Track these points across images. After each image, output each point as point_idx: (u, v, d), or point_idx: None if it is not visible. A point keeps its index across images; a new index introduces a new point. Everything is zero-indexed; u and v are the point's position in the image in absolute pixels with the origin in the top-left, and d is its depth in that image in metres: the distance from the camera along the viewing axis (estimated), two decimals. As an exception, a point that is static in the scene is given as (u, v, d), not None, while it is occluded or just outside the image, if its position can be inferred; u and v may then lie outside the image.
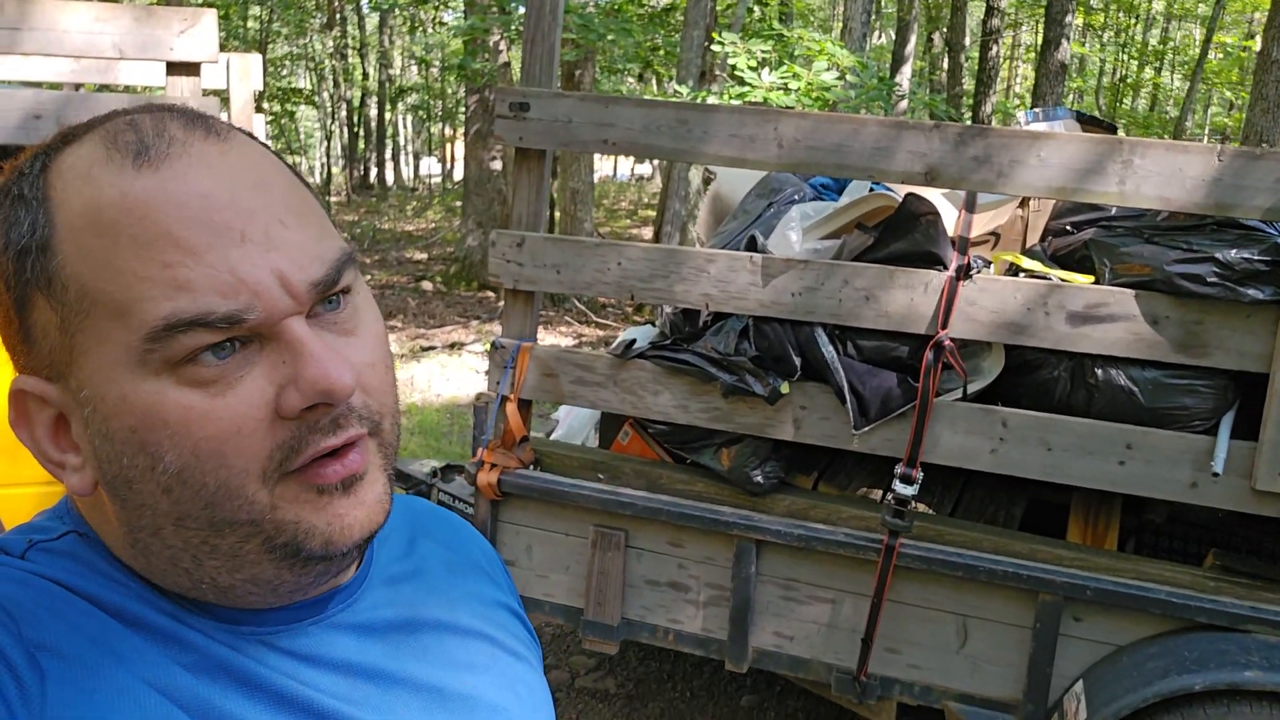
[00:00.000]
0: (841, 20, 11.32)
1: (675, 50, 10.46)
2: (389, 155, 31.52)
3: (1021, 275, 2.52)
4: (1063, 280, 2.44)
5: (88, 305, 0.58)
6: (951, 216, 2.69)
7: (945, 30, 18.65)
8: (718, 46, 7.97)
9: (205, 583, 0.63)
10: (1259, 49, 9.08)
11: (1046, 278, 2.47)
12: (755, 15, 11.82)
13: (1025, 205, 3.01)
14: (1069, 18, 12.22)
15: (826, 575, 2.61)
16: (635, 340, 2.83)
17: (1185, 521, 2.84)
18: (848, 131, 2.47)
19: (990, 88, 15.47)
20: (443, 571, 0.80)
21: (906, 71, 15.89)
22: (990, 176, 2.40)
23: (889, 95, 8.18)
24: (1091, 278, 2.47)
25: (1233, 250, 2.23)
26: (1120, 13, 22.75)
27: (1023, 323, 2.40)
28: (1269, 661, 2.19)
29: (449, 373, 8.52)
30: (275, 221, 0.60)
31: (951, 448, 2.48)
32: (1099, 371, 2.42)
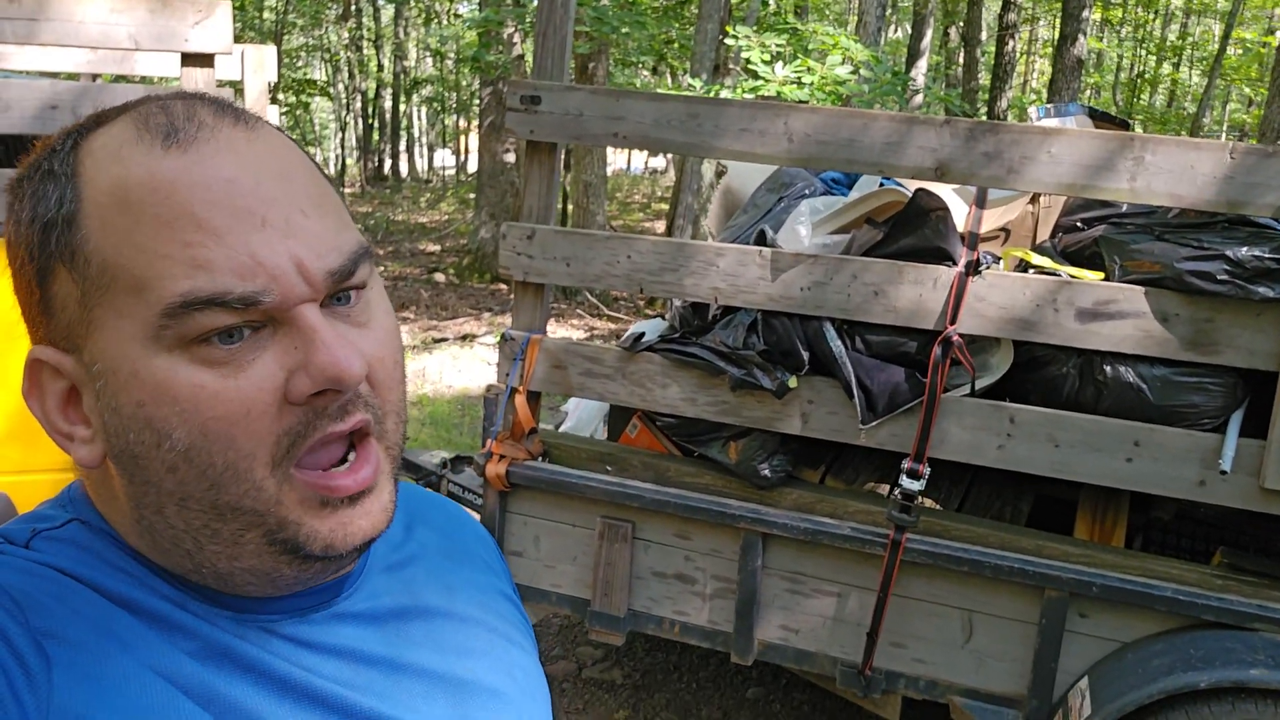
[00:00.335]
0: (857, 14, 11.28)
1: (689, 43, 10.45)
2: (403, 147, 31.59)
3: (1031, 271, 2.52)
4: (1072, 277, 2.43)
5: (108, 280, 0.59)
6: (961, 212, 2.69)
7: (961, 25, 18.56)
8: (732, 40, 7.95)
9: (206, 567, 0.64)
10: (1278, 44, 9.00)
11: (1056, 274, 2.47)
12: (770, 9, 11.79)
13: (1036, 201, 3.00)
14: (1086, 12, 12.15)
15: (833, 569, 2.62)
16: (644, 333, 2.84)
17: (1193, 519, 2.83)
18: (858, 126, 2.47)
19: (1006, 83, 15.39)
20: (440, 558, 0.81)
21: (922, 66, 15.84)
22: (1001, 172, 2.39)
23: (903, 90, 8.15)
24: (1101, 274, 2.47)
25: (1243, 248, 2.23)
26: (1139, 7, 22.59)
27: (1032, 319, 2.40)
28: (1275, 660, 2.18)
29: (460, 364, 8.55)
30: (296, 210, 0.62)
31: (959, 443, 2.48)
32: (1108, 368, 2.41)
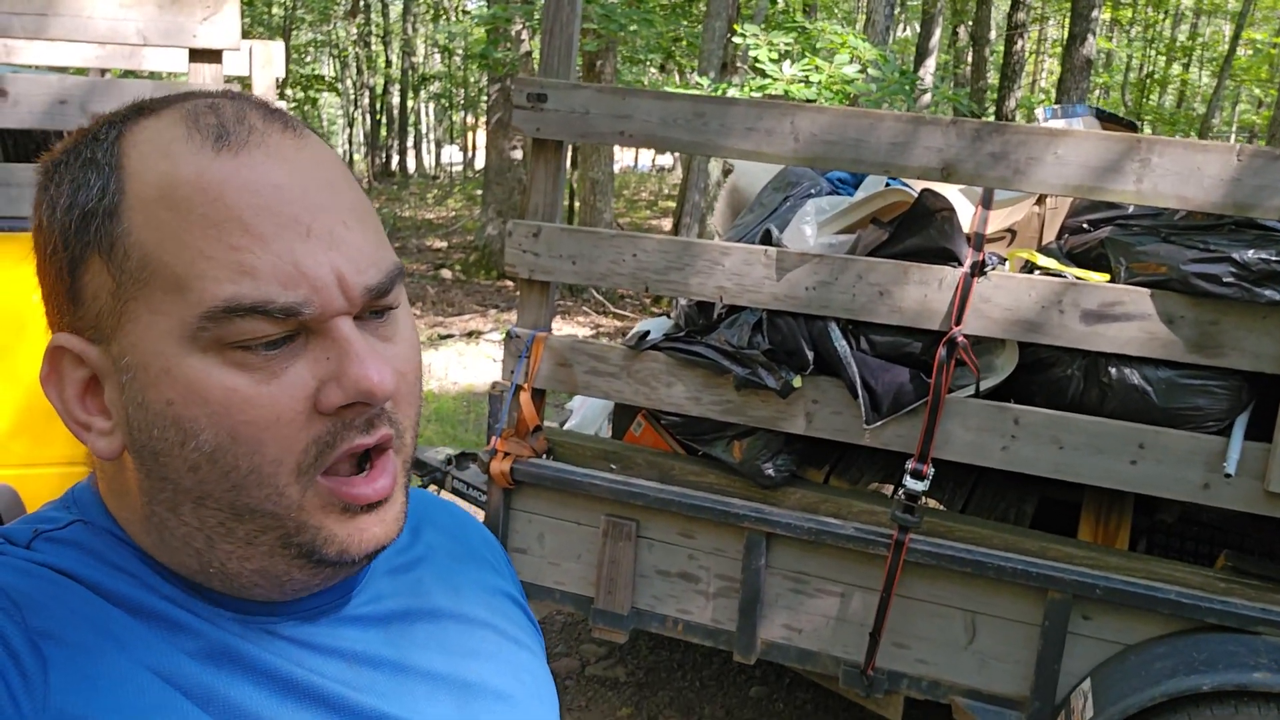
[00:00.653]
0: (865, 12, 11.27)
1: (697, 41, 10.45)
2: (411, 143, 31.62)
3: (1037, 273, 2.52)
4: (1078, 278, 2.43)
5: (147, 275, 0.59)
6: (968, 213, 2.69)
7: (970, 24, 18.51)
8: (739, 38, 7.95)
9: (214, 567, 0.64)
10: (1288, 46, 8.96)
11: (1062, 275, 2.46)
12: (778, 7, 11.78)
13: (1042, 202, 3.00)
14: (1096, 12, 12.11)
15: (836, 569, 2.62)
16: (649, 332, 2.84)
17: (1197, 522, 2.83)
18: (864, 126, 2.47)
19: (1015, 83, 15.35)
20: (446, 561, 0.81)
21: (930, 65, 15.79)
22: (1007, 173, 2.39)
23: (911, 89, 8.14)
24: (1107, 276, 2.46)
25: (1250, 251, 2.22)
26: (1148, 8, 22.52)
27: (1037, 320, 2.39)
28: (1278, 664, 2.18)
29: (466, 361, 8.56)
30: (339, 222, 0.62)
31: (963, 444, 2.48)
32: (1112, 370, 2.41)
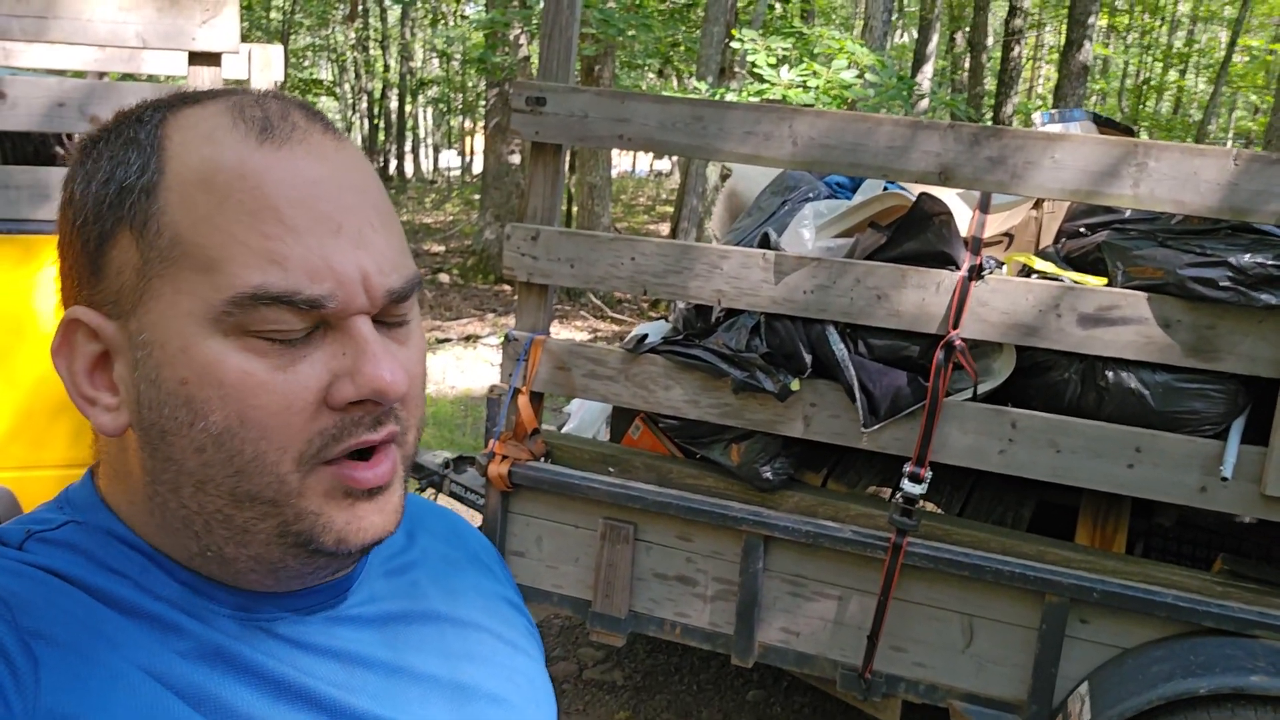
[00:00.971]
0: (863, 18, 11.29)
1: (695, 46, 10.47)
2: (409, 147, 31.63)
3: (1034, 276, 2.52)
4: (1075, 282, 2.44)
5: (177, 254, 0.60)
6: (965, 217, 2.69)
7: (967, 30, 18.55)
8: (737, 43, 7.96)
9: (211, 551, 0.64)
10: (1284, 53, 8.99)
11: (1059, 279, 2.47)
12: (776, 12, 11.80)
13: (1039, 207, 3.01)
14: (1092, 19, 12.14)
15: (834, 572, 2.62)
16: (648, 335, 2.84)
17: (1195, 526, 2.83)
18: (863, 130, 2.48)
19: (1012, 88, 15.39)
20: (441, 565, 0.81)
21: (928, 71, 15.83)
22: (1004, 177, 2.40)
23: (908, 94, 8.15)
24: (1104, 280, 2.47)
25: (1246, 255, 2.23)
26: (1145, 14, 22.58)
27: (1034, 324, 2.40)
28: (1275, 667, 2.18)
29: (464, 365, 8.56)
30: (368, 224, 0.63)
31: (961, 448, 2.48)
32: (1110, 374, 2.42)
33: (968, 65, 18.42)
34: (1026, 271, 2.61)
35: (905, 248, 2.53)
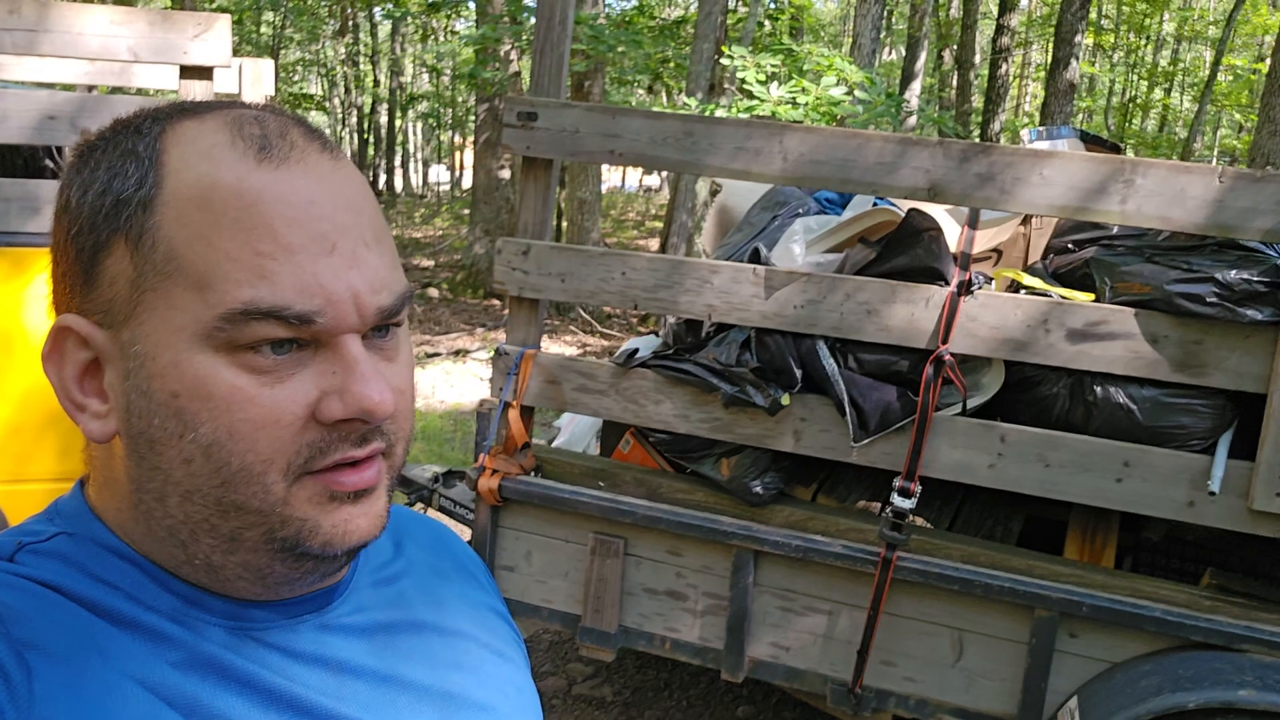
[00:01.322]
0: (851, 36, 11.36)
1: (685, 63, 10.51)
2: (398, 162, 31.65)
3: (1023, 292, 2.54)
4: (1063, 298, 2.45)
5: (171, 269, 0.60)
6: (954, 233, 2.71)
7: (955, 48, 18.69)
8: (727, 60, 8.00)
9: (199, 560, 0.64)
10: (1268, 71, 9.09)
11: (1047, 295, 2.48)
12: (765, 29, 11.87)
13: (1027, 223, 3.03)
14: (1079, 37, 12.25)
15: (824, 587, 2.62)
16: (638, 350, 2.85)
17: (1182, 540, 2.84)
18: (853, 146, 2.49)
19: (999, 106, 15.51)
20: (429, 575, 0.82)
21: (916, 88, 15.93)
22: (993, 194, 2.41)
23: (896, 111, 8.20)
24: (1092, 296, 2.48)
25: (1232, 271, 2.25)
26: (1130, 33, 22.79)
27: (1023, 339, 2.41)
28: (1263, 681, 2.19)
29: (453, 379, 8.54)
30: (362, 243, 0.64)
31: (950, 462, 2.49)
32: (1098, 389, 2.43)
33: (955, 83, 18.55)
34: (1015, 287, 2.63)
35: (895, 263, 2.54)
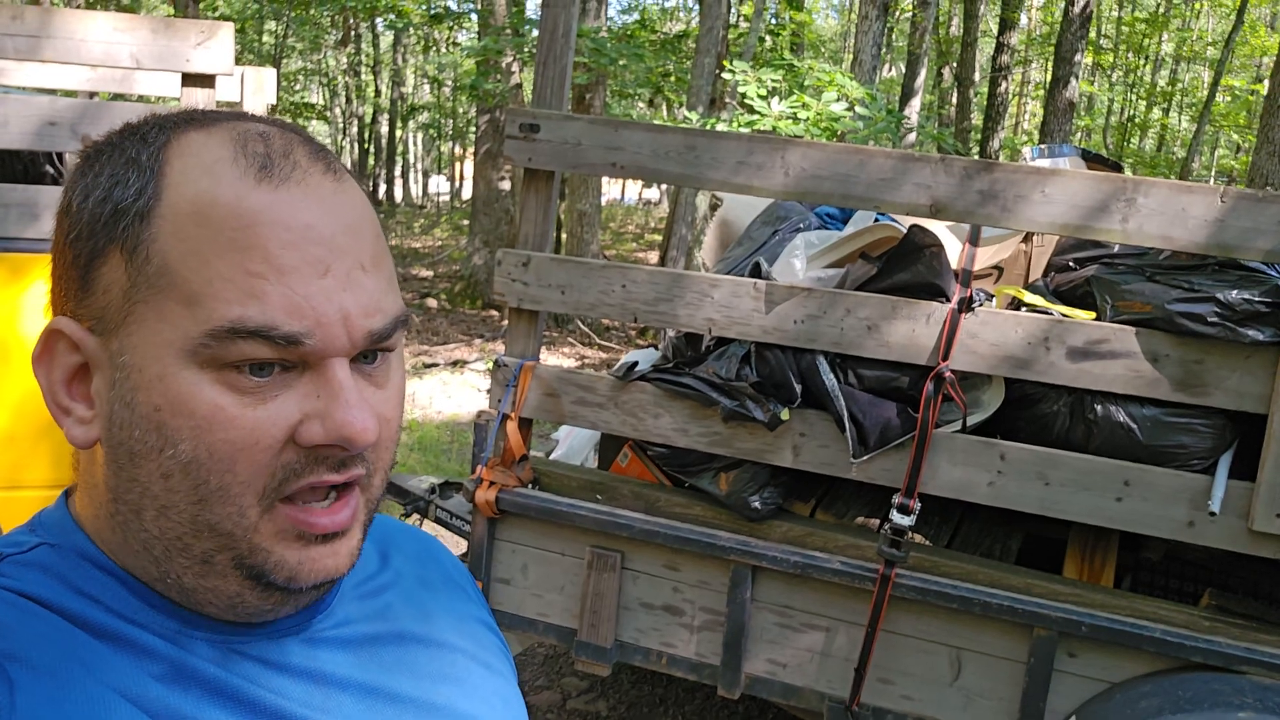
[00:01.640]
0: (852, 52, 11.40)
1: (686, 77, 10.54)
2: (399, 172, 31.72)
3: (1024, 310, 2.54)
4: (1064, 316, 2.45)
5: (164, 283, 0.60)
6: (955, 249, 2.71)
7: (955, 65, 18.76)
8: (728, 74, 8.03)
9: (171, 578, 0.64)
10: (1266, 92, 9.13)
11: (1048, 313, 2.48)
12: (766, 45, 11.91)
13: (1029, 240, 3.03)
14: (1078, 56, 12.31)
15: (821, 603, 2.61)
16: (637, 363, 2.84)
17: (1182, 560, 2.83)
18: (854, 162, 2.49)
19: (999, 123, 15.56)
20: (415, 586, 0.81)
21: (916, 105, 15.97)
22: (995, 211, 2.41)
23: (897, 127, 8.22)
24: (1093, 314, 2.48)
25: (1234, 291, 2.25)
26: (1129, 53, 22.90)
27: (1023, 357, 2.41)
28: (1262, 703, 2.18)
29: (451, 390, 8.53)
30: (358, 266, 0.63)
31: (950, 479, 2.48)
32: (1098, 407, 2.42)
33: (955, 100, 18.62)
34: (1016, 304, 2.62)
35: (896, 279, 2.54)
